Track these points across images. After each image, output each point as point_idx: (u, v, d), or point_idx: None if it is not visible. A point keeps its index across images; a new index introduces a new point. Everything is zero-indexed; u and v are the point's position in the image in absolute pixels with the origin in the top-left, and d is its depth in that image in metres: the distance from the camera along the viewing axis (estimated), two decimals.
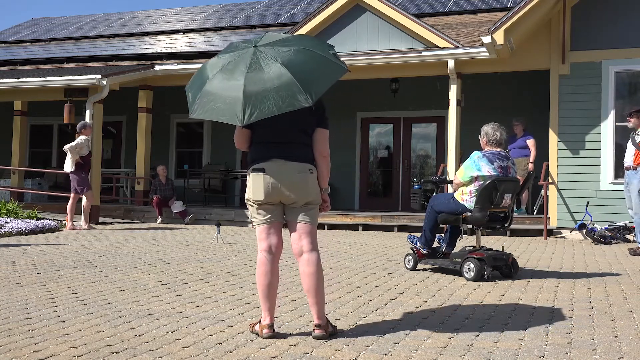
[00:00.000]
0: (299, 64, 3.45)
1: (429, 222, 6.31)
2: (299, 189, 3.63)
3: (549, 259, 7.58)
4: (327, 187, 3.78)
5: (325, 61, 3.54)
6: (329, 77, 3.52)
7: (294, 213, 3.69)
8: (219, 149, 16.29)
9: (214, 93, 3.47)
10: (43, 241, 8.93)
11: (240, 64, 3.49)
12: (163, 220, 13.06)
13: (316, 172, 3.70)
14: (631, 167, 8.16)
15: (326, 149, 3.72)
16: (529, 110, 12.98)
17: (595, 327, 3.98)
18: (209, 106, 3.46)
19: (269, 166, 3.62)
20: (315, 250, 3.69)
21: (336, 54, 3.65)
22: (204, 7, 21.39)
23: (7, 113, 15.69)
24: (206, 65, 3.68)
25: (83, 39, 19.44)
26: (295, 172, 3.61)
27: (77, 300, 4.68)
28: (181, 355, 3.27)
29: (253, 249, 8.28)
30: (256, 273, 3.73)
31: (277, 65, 3.41)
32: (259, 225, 3.73)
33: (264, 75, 3.40)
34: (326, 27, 12.77)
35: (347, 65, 3.65)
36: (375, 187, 15.30)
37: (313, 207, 3.72)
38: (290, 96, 3.33)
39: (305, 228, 3.68)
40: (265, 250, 3.71)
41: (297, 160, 3.62)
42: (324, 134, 3.72)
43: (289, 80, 3.36)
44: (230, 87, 3.42)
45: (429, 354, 3.35)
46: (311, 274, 3.63)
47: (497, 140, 6.07)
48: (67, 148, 10.98)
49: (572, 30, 11.12)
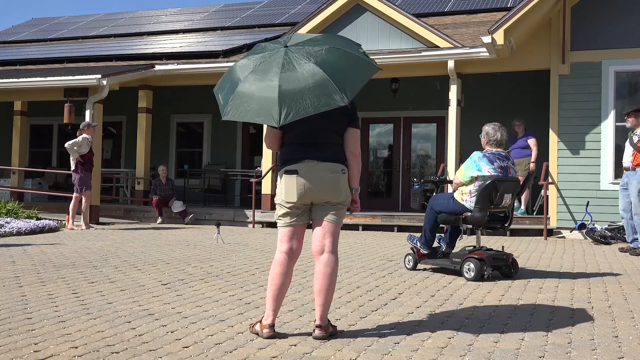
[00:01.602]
0: (332, 63, 3.43)
1: (429, 222, 6.31)
2: (331, 189, 3.61)
3: (549, 259, 7.58)
4: (357, 187, 3.77)
5: (357, 59, 3.54)
6: (363, 75, 3.51)
7: (323, 211, 3.66)
8: (219, 149, 16.30)
9: (247, 94, 3.43)
10: (43, 241, 8.93)
11: (272, 64, 3.46)
12: (163, 220, 13.06)
13: (347, 172, 3.69)
14: (630, 167, 8.17)
15: (357, 149, 3.70)
16: (529, 110, 12.98)
17: (595, 327, 3.98)
18: (243, 107, 3.43)
19: (302, 167, 3.59)
20: (335, 252, 3.67)
21: (365, 52, 3.65)
22: (204, 7, 21.39)
23: (7, 113, 15.69)
24: (235, 66, 3.64)
25: (83, 39, 19.44)
26: (328, 173, 3.59)
27: (77, 300, 4.68)
28: (181, 355, 3.27)
29: (253, 249, 8.28)
30: (270, 272, 3.69)
31: (310, 64, 3.40)
32: (283, 227, 3.70)
33: (297, 75, 3.37)
34: (326, 27, 12.77)
35: (377, 64, 3.64)
36: (375, 187, 15.30)
37: (343, 207, 3.70)
38: (326, 95, 3.31)
39: (331, 227, 3.65)
40: (285, 252, 3.67)
41: (329, 161, 3.60)
42: (356, 133, 3.70)
43: (324, 79, 3.34)
44: (265, 88, 3.39)
45: (429, 354, 3.34)
46: (327, 275, 3.60)
47: (498, 141, 6.08)
48: (66, 145, 10.97)
49: (572, 30, 11.12)
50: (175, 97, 16.07)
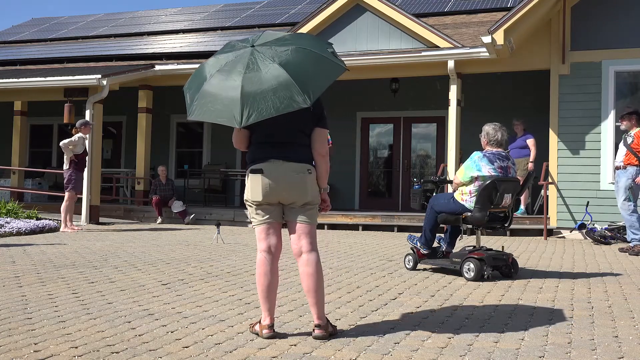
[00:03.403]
0: (297, 64, 3.42)
1: (429, 222, 6.31)
2: (297, 189, 3.62)
3: (549, 259, 7.58)
4: (326, 187, 3.78)
5: (323, 60, 3.52)
6: (327, 76, 3.50)
7: (293, 213, 3.68)
8: (219, 149, 16.29)
9: (212, 94, 3.45)
10: (43, 241, 8.92)
11: (237, 64, 3.47)
12: (163, 220, 13.06)
13: (315, 172, 3.70)
14: (621, 166, 8.29)
15: (325, 148, 3.71)
16: (529, 110, 12.97)
17: (595, 327, 3.98)
18: (207, 107, 3.44)
19: (267, 167, 3.61)
20: (314, 250, 3.68)
21: (334, 52, 3.63)
22: (204, 7, 21.39)
23: (7, 113, 15.69)
24: (204, 65, 3.65)
25: (83, 39, 19.43)
26: (293, 173, 3.61)
27: (77, 300, 4.68)
28: (181, 355, 3.27)
29: (253, 249, 8.28)
30: (256, 273, 3.72)
31: (274, 65, 3.39)
32: (258, 226, 3.72)
33: (261, 75, 3.37)
34: (326, 27, 12.77)
35: (345, 64, 3.63)
36: (375, 187, 15.29)
37: (312, 207, 3.71)
38: (288, 97, 3.31)
39: (304, 228, 3.68)
40: (265, 251, 3.70)
41: (295, 161, 3.61)
42: (323, 133, 3.71)
43: (287, 80, 3.34)
44: (228, 88, 3.40)
45: (429, 354, 3.34)
46: (310, 275, 3.63)
47: (498, 141, 6.08)
48: (61, 144, 10.86)
49: (572, 30, 11.11)
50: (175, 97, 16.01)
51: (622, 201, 8.27)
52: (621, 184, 8.28)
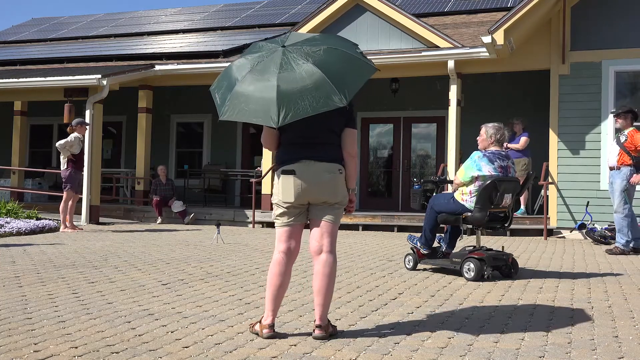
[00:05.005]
0: (330, 63, 3.42)
1: (429, 222, 6.31)
2: (328, 189, 3.61)
3: (549, 259, 7.58)
4: (354, 187, 3.77)
5: (355, 60, 3.53)
6: (360, 76, 3.50)
7: (321, 211, 3.66)
8: (219, 149, 16.29)
9: (245, 94, 3.41)
10: (43, 241, 8.92)
11: (270, 64, 3.44)
12: (163, 220, 13.06)
13: (345, 172, 3.69)
14: (615, 167, 8.21)
15: (354, 149, 3.71)
16: (529, 110, 12.96)
17: (595, 327, 3.97)
18: (241, 107, 3.41)
19: (299, 167, 3.59)
20: (333, 252, 3.67)
21: (362, 52, 3.64)
22: (204, 7, 21.40)
23: (7, 113, 15.69)
24: (232, 65, 3.62)
25: (83, 39, 19.44)
26: (325, 173, 3.59)
27: (77, 300, 4.68)
28: (181, 355, 3.27)
29: (253, 248, 8.28)
30: (269, 272, 3.69)
31: (308, 65, 3.38)
32: (281, 227, 3.70)
33: (296, 75, 3.36)
34: (326, 27, 12.77)
35: (375, 64, 3.62)
36: (375, 187, 15.29)
37: (340, 207, 3.70)
38: (325, 96, 3.30)
39: (328, 227, 3.66)
40: (283, 252, 3.68)
41: (327, 161, 3.60)
42: (353, 133, 3.71)
43: (322, 80, 3.33)
44: (263, 88, 3.37)
45: (429, 354, 3.34)
46: (326, 275, 3.61)
47: (499, 141, 6.08)
48: (57, 145, 10.73)
49: (572, 30, 11.12)
50: (175, 97, 16.06)
51: (617, 203, 8.13)
52: (616, 186, 8.16)
